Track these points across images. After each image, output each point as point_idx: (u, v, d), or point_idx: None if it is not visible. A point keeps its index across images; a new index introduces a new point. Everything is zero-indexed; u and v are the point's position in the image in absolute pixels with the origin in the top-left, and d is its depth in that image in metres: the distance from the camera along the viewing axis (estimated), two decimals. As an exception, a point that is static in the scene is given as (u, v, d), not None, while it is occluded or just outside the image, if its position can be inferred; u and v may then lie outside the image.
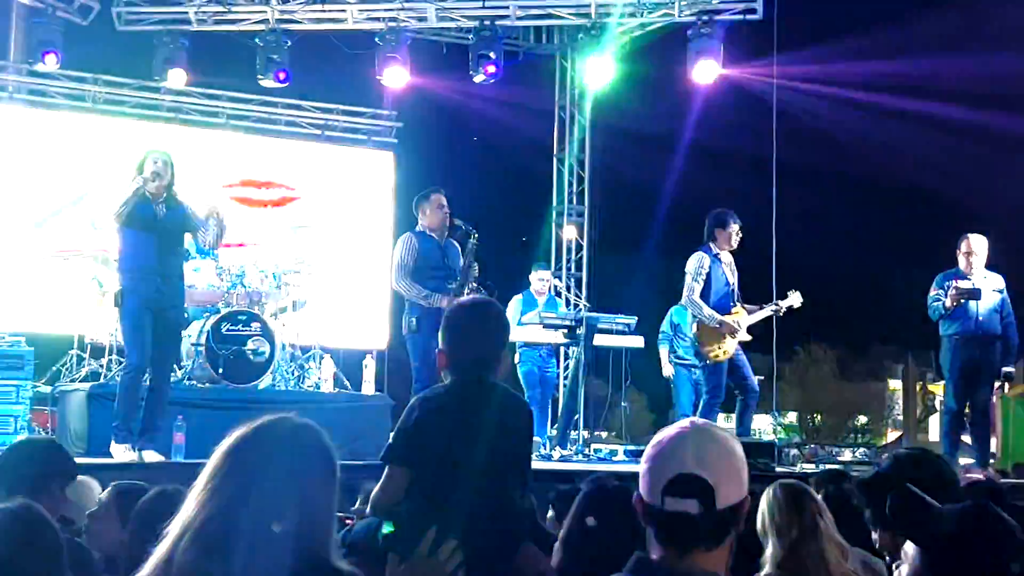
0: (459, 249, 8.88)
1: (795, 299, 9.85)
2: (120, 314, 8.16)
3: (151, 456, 7.81)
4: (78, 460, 5.17)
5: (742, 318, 9.41)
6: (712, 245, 9.38)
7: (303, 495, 2.10)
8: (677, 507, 2.23)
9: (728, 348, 9.33)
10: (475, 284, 8.75)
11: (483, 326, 3.80)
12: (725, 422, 12.35)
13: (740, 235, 9.46)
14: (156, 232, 7.98)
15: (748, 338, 9.57)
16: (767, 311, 9.78)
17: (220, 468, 2.10)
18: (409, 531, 3.27)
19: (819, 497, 3.82)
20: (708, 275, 9.30)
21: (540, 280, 11.18)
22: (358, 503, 4.99)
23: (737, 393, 9.50)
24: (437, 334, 3.88)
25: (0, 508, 3.09)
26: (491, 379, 3.74)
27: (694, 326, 9.40)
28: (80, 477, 4.61)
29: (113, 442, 7.91)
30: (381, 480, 3.62)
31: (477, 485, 3.46)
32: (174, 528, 2.08)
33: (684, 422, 2.39)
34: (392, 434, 3.70)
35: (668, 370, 11.45)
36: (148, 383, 8.09)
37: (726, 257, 9.47)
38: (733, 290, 9.47)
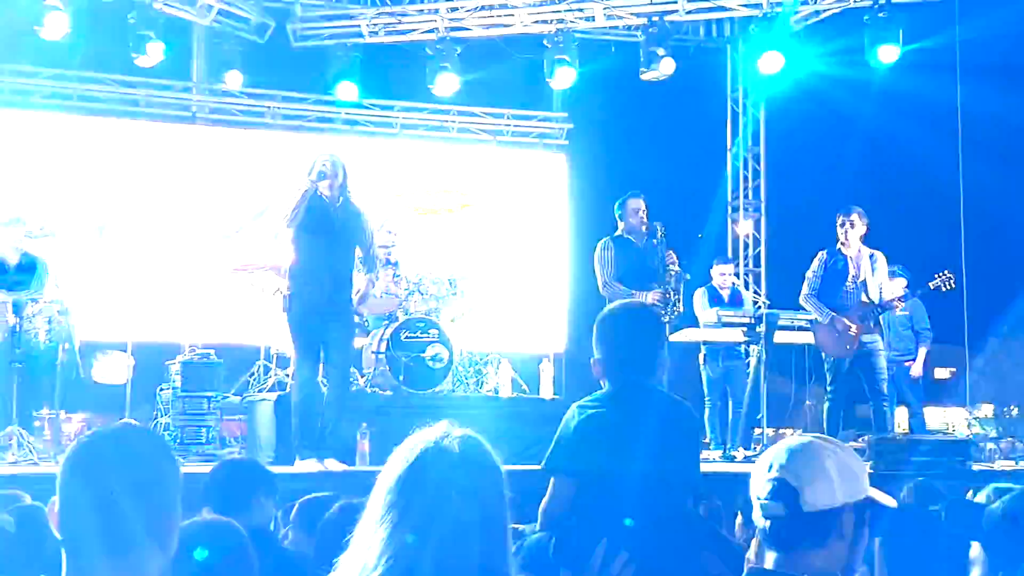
0: (657, 250, 8.91)
1: (941, 282, 9.41)
2: (288, 320, 7.93)
3: (334, 464, 7.75)
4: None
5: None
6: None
7: (481, 515, 2.05)
8: (767, 511, 2.40)
9: (848, 346, 9.18)
10: (673, 274, 8.80)
11: (635, 331, 3.72)
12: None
13: (858, 230, 9.30)
14: (328, 235, 7.79)
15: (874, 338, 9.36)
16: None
17: (393, 502, 2.05)
18: (579, 543, 3.20)
19: None
20: (826, 272, 9.30)
21: (722, 275, 11.03)
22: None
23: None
24: None
25: (196, 521, 3.15)
26: (649, 384, 3.65)
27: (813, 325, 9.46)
28: None
29: (298, 458, 7.82)
30: (548, 491, 3.56)
31: (642, 493, 3.36)
32: (352, 567, 2.04)
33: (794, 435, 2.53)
34: (552, 443, 3.64)
35: None
36: (326, 390, 8.04)
37: (854, 253, 9.30)
38: (857, 286, 9.29)
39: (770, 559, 2.43)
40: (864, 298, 9.29)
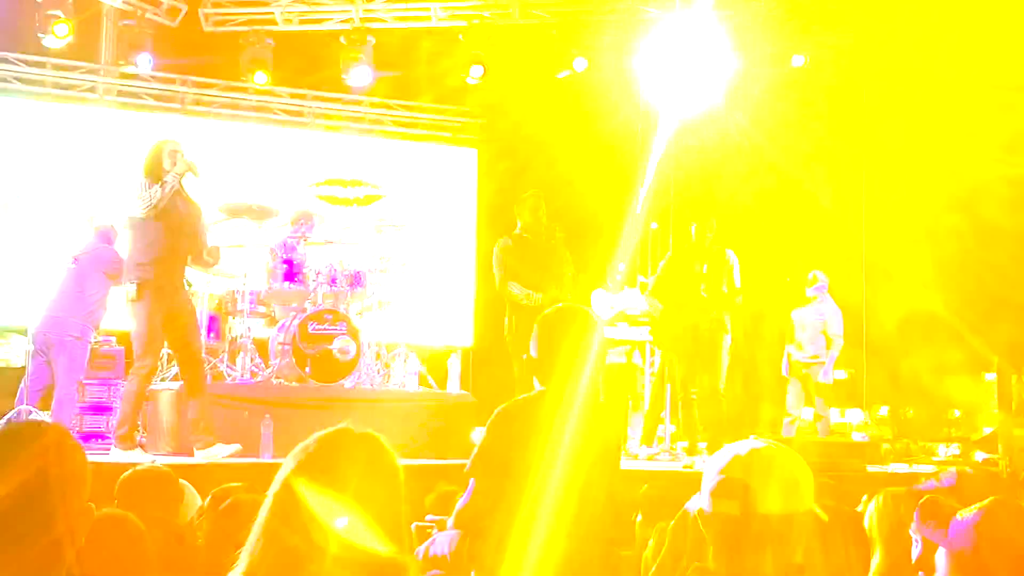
0: (555, 248, 8.92)
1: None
2: (134, 310, 7.96)
3: (210, 456, 7.83)
4: (168, 460, 5.27)
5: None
6: None
7: (375, 512, 2.05)
8: (721, 508, 2.40)
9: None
10: (570, 276, 8.84)
11: (569, 334, 3.74)
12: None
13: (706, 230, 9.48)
14: (175, 224, 7.89)
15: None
16: None
17: (290, 500, 2.04)
18: (496, 545, 3.21)
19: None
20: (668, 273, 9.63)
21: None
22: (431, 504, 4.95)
23: None
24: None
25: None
26: (576, 386, 3.67)
27: None
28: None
29: (117, 448, 7.83)
30: (466, 493, 3.56)
31: (564, 496, 3.39)
32: (246, 562, 2.03)
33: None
34: (476, 447, 3.65)
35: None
36: (186, 381, 8.14)
37: (703, 252, 9.58)
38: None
39: (713, 559, 2.43)
40: (705, 292, 9.37)
